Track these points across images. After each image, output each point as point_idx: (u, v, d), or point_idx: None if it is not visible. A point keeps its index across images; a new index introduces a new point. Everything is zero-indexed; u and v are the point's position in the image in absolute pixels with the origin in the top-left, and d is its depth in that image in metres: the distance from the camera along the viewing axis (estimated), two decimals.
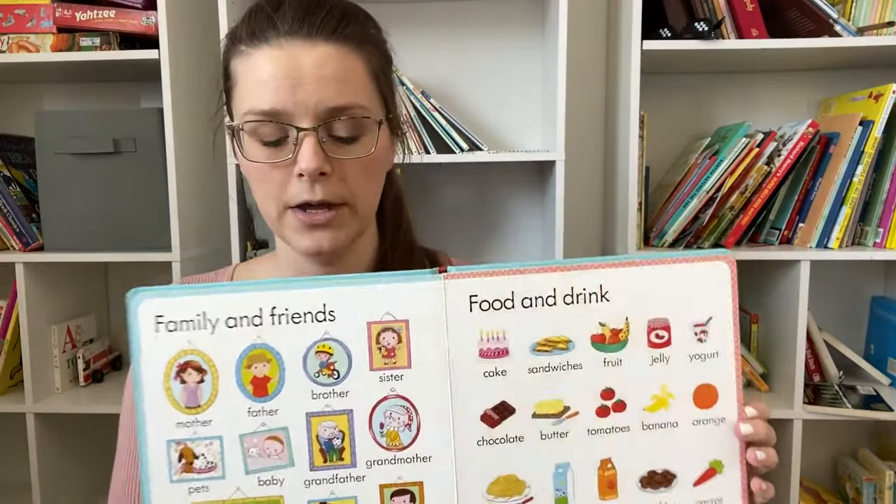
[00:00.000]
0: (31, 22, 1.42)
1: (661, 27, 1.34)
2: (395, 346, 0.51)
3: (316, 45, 0.62)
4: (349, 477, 0.50)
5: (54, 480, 1.48)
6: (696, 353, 0.53)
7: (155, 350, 0.49)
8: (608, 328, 0.53)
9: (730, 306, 0.54)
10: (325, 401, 0.50)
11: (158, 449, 0.49)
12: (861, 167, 1.33)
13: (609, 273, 0.52)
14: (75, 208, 1.41)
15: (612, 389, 0.53)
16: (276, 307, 0.49)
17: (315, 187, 0.62)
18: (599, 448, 0.53)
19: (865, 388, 1.43)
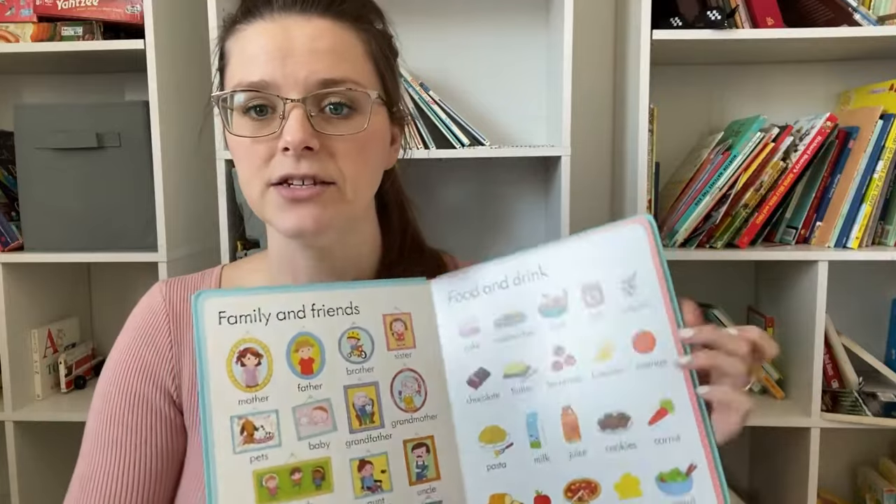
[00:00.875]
0: (11, 10, 1.40)
1: (672, 16, 1.32)
2: (404, 332, 0.65)
3: (310, 18, 0.62)
4: (380, 436, 0.61)
5: (34, 491, 1.45)
6: (628, 305, 0.62)
7: (219, 339, 0.59)
8: (549, 297, 0.64)
9: (650, 260, 0.62)
10: (357, 375, 0.62)
11: (223, 425, 0.57)
12: (882, 163, 1.31)
13: (544, 254, 0.65)
14: (57, 206, 1.38)
15: (562, 347, 0.63)
16: (315, 304, 0.63)
17: (300, 162, 0.60)
18: (559, 397, 0.63)
19: (886, 395, 1.41)
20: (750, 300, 1.61)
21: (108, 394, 0.70)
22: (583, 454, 0.61)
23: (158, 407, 0.68)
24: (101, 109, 1.37)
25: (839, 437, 1.55)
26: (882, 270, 1.58)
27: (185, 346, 0.70)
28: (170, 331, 0.71)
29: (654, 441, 0.60)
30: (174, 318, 0.71)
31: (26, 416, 1.40)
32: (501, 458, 0.63)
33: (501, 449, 0.63)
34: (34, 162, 1.36)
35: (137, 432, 0.67)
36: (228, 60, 0.65)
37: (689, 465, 0.59)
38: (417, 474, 0.61)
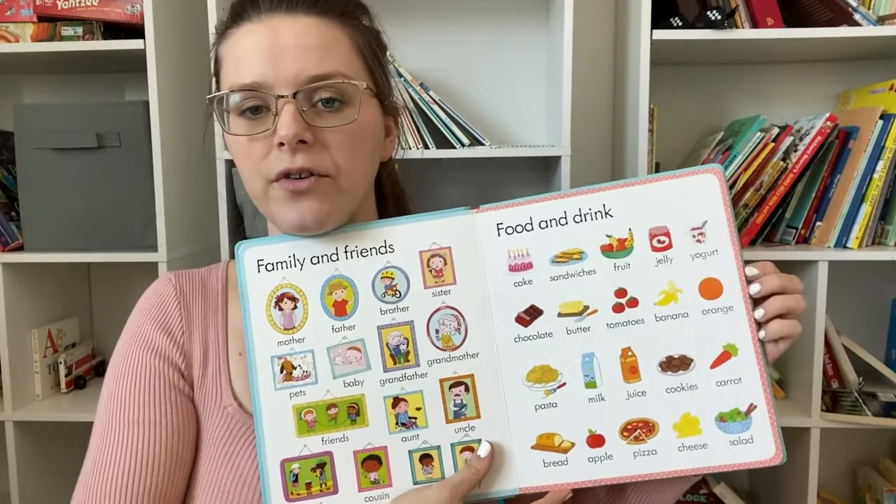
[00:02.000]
0: (11, 10, 1.40)
1: (672, 16, 1.32)
2: (443, 268, 0.64)
3: (296, 17, 0.64)
4: (415, 374, 0.63)
5: (35, 491, 1.44)
6: (696, 252, 0.62)
7: (258, 286, 0.63)
8: (614, 238, 0.63)
9: (722, 210, 0.63)
10: (391, 315, 0.63)
11: (265, 364, 0.62)
12: (881, 163, 1.30)
13: (610, 194, 0.64)
14: (57, 206, 1.38)
15: (625, 289, 0.63)
16: (349, 245, 0.64)
17: (296, 156, 0.62)
18: (619, 338, 0.63)
19: (886, 395, 1.40)
20: None
21: (120, 375, 0.69)
22: (642, 395, 0.62)
23: (172, 381, 0.68)
24: (101, 109, 1.37)
25: (839, 437, 1.55)
26: (882, 270, 1.58)
27: (195, 331, 0.71)
28: (181, 315, 0.71)
29: (716, 383, 0.61)
30: (185, 303, 0.72)
31: (26, 416, 1.39)
32: (552, 397, 0.63)
33: (553, 389, 0.63)
34: (34, 162, 1.36)
35: (154, 409, 0.67)
36: (222, 65, 0.67)
37: (749, 405, 0.61)
38: (455, 412, 0.62)
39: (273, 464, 0.61)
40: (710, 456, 0.61)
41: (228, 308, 0.73)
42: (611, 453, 0.62)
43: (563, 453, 0.62)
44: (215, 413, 0.68)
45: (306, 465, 0.61)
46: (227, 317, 0.72)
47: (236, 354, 0.70)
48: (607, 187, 0.64)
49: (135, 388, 0.68)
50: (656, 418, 0.61)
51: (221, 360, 0.70)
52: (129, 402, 0.67)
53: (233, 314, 0.72)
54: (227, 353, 0.70)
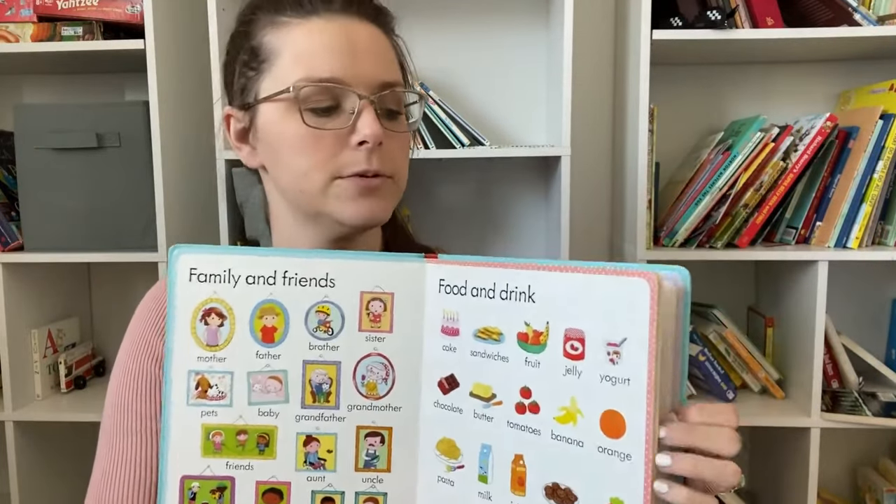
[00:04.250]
0: (11, 10, 1.40)
1: (672, 16, 1.32)
2: (381, 313, 0.61)
3: (365, 24, 0.66)
4: (333, 416, 0.60)
5: (34, 491, 1.44)
6: (606, 374, 0.51)
7: (187, 295, 0.59)
8: (531, 329, 0.55)
9: (646, 329, 0.49)
10: (319, 351, 0.60)
11: (180, 377, 0.59)
12: (881, 163, 1.30)
13: (538, 275, 0.55)
14: (57, 206, 1.38)
15: (530, 389, 0.56)
16: (288, 271, 0.60)
17: (372, 156, 0.64)
18: (515, 442, 0.57)
19: (886, 395, 1.41)
20: (750, 300, 1.60)
21: (122, 385, 0.70)
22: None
23: None
24: (101, 109, 1.37)
25: (839, 437, 1.55)
26: (882, 270, 1.58)
27: None
28: None
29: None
30: None
31: (26, 416, 1.39)
32: (451, 475, 0.59)
33: (453, 466, 0.59)
34: (34, 162, 1.36)
35: (156, 418, 0.67)
36: (276, 56, 0.65)
37: None
38: (366, 462, 0.60)
39: (172, 478, 0.59)
40: None
41: None
42: None
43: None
44: None
45: (206, 485, 0.59)
46: None
47: None
48: (538, 266, 0.55)
49: (136, 397, 0.68)
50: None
51: None
52: (131, 412, 0.68)
53: None
54: None
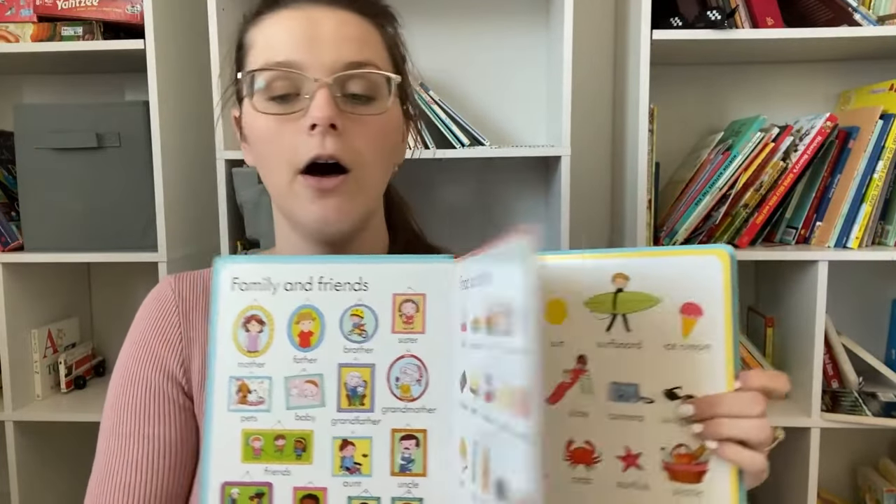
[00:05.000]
0: (11, 10, 1.40)
1: (672, 16, 1.32)
2: (414, 315, 0.61)
3: (336, 10, 0.64)
4: (368, 420, 0.60)
5: (34, 491, 1.44)
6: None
7: (229, 304, 0.61)
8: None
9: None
10: (354, 354, 0.60)
11: (223, 383, 0.60)
12: (881, 163, 1.30)
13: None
14: (57, 206, 1.38)
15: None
16: (323, 276, 0.61)
17: (326, 141, 0.62)
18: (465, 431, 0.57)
19: (886, 395, 1.41)
20: (750, 300, 1.60)
21: (121, 387, 0.70)
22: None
23: (173, 396, 0.69)
24: (101, 109, 1.36)
25: (839, 437, 1.55)
26: (882, 270, 1.58)
27: (195, 337, 0.70)
28: (179, 322, 0.71)
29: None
30: (184, 310, 0.71)
31: (26, 416, 1.39)
32: (462, 476, 0.58)
33: (462, 468, 0.58)
34: (34, 162, 1.36)
35: (154, 422, 0.67)
36: (249, 49, 0.66)
37: None
38: (401, 466, 0.59)
39: (214, 485, 0.59)
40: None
41: None
42: None
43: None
44: None
45: (246, 491, 0.59)
46: None
47: None
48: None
49: (133, 401, 0.68)
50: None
51: None
52: (128, 415, 0.68)
53: None
54: None
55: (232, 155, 1.30)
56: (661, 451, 0.56)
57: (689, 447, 0.55)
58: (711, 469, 0.55)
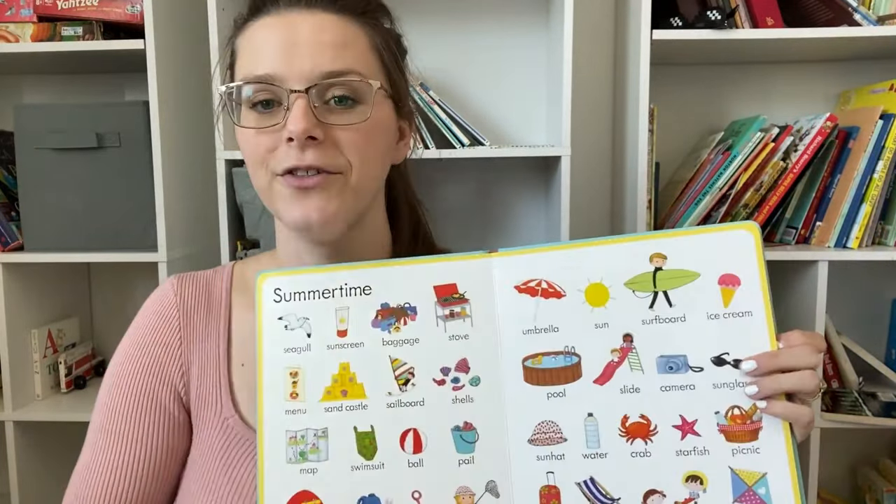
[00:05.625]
0: (11, 10, 1.39)
1: (672, 16, 1.32)
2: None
3: (314, 13, 0.63)
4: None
5: (34, 491, 1.44)
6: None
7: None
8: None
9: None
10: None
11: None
12: (881, 163, 1.30)
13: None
14: (57, 206, 1.37)
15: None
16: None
17: (305, 153, 0.61)
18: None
19: (886, 395, 1.40)
20: None
21: (114, 386, 0.70)
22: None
23: (164, 404, 0.68)
24: (101, 109, 1.36)
25: (839, 437, 1.55)
26: (882, 270, 1.58)
27: (194, 342, 0.70)
28: (180, 327, 0.70)
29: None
30: (185, 314, 0.71)
31: (26, 416, 1.39)
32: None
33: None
34: (34, 162, 1.36)
35: (141, 427, 0.67)
36: (237, 57, 0.67)
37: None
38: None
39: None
40: None
41: (233, 313, 0.72)
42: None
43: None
44: (215, 424, 0.68)
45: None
46: (231, 326, 0.71)
47: (238, 365, 0.69)
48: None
49: (125, 402, 0.68)
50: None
51: (222, 372, 0.69)
52: (118, 414, 0.68)
53: (236, 319, 0.72)
54: (227, 364, 0.69)
55: (232, 155, 1.30)
56: (716, 415, 0.58)
57: (742, 408, 0.58)
58: (765, 426, 0.57)
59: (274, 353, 0.61)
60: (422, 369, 0.61)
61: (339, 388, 0.61)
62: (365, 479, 0.60)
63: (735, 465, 0.57)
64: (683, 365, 0.59)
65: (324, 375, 0.61)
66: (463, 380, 0.61)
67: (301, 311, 0.62)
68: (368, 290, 0.62)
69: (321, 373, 0.61)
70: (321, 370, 0.61)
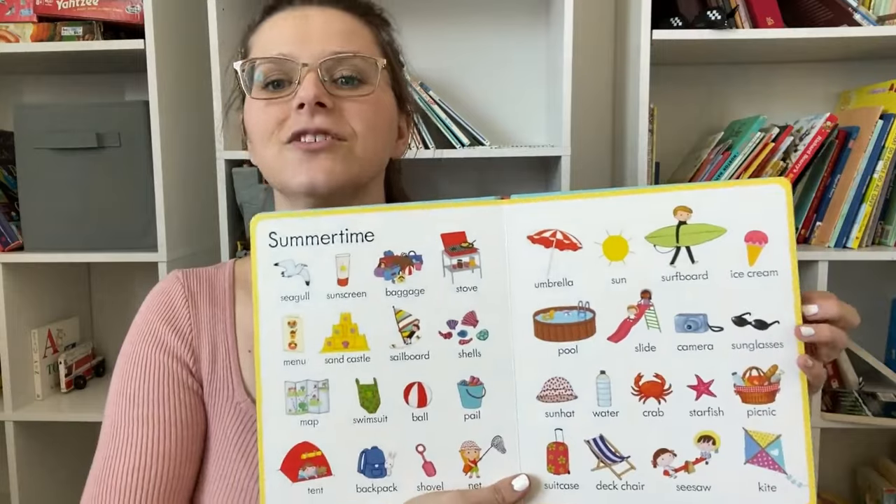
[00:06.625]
0: (11, 10, 1.39)
1: (672, 16, 1.32)
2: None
3: (325, 9, 0.70)
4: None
5: (34, 491, 1.44)
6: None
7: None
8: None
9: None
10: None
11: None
12: (881, 163, 1.30)
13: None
14: (57, 206, 1.37)
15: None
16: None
17: (314, 118, 0.65)
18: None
19: (886, 395, 1.39)
20: None
21: (126, 373, 0.69)
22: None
23: (181, 378, 0.68)
24: (101, 109, 1.36)
25: (839, 437, 1.55)
26: (882, 270, 1.58)
27: (203, 329, 0.71)
28: (189, 313, 0.71)
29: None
30: (192, 301, 0.72)
31: (26, 416, 1.39)
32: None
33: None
34: (34, 162, 1.36)
35: (162, 405, 0.67)
36: (250, 52, 0.72)
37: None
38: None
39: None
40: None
41: (236, 307, 0.73)
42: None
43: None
44: (227, 409, 0.68)
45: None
46: (235, 316, 0.72)
47: (245, 351, 0.70)
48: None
49: (143, 385, 0.68)
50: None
51: (231, 357, 0.70)
52: (137, 399, 0.67)
53: (240, 314, 0.72)
54: (236, 350, 0.70)
55: (232, 155, 1.30)
56: (733, 375, 0.57)
57: (760, 369, 0.57)
58: (782, 388, 0.56)
59: (270, 301, 0.60)
60: (427, 322, 0.59)
61: (340, 340, 0.59)
62: (367, 431, 0.59)
63: (749, 426, 0.57)
64: (703, 324, 0.57)
65: (324, 326, 0.59)
66: (470, 333, 0.59)
67: (298, 257, 0.60)
68: (371, 237, 0.60)
69: (321, 323, 0.59)
70: (321, 320, 0.59)
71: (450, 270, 0.59)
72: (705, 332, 0.57)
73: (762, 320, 0.57)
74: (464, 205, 0.59)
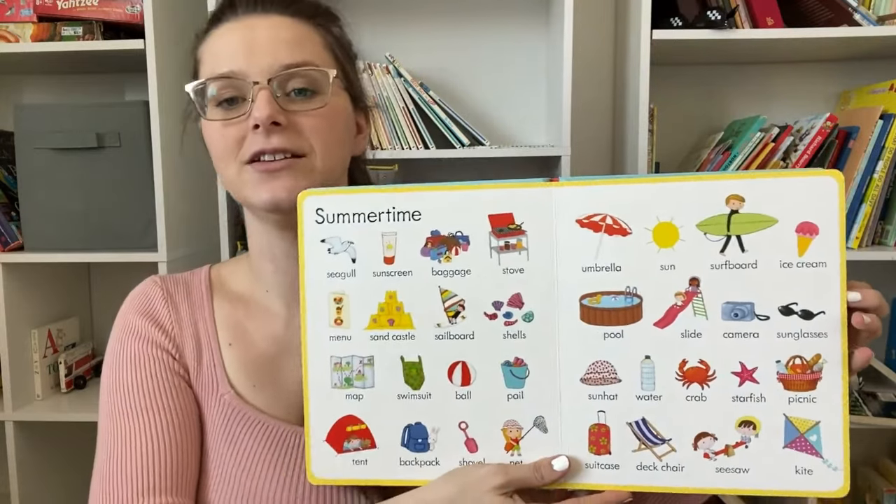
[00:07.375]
0: (11, 10, 1.39)
1: (672, 16, 1.32)
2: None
3: (270, 16, 0.68)
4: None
5: (34, 491, 1.44)
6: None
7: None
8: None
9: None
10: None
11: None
12: (881, 163, 1.30)
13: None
14: (57, 206, 1.37)
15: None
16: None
17: (270, 138, 0.64)
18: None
19: (886, 395, 1.40)
20: None
21: (116, 371, 0.69)
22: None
23: (169, 365, 0.69)
24: (101, 109, 1.36)
25: None
26: (882, 270, 1.57)
27: (184, 325, 0.71)
28: (169, 311, 0.72)
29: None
30: (171, 300, 0.73)
31: (26, 416, 1.39)
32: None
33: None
34: (34, 162, 1.36)
35: (157, 393, 0.67)
36: (201, 64, 0.71)
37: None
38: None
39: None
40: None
41: (214, 305, 0.74)
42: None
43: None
44: (213, 403, 0.69)
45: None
46: (214, 313, 0.73)
47: (227, 345, 0.72)
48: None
49: (135, 377, 0.68)
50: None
51: (214, 352, 0.71)
52: (131, 391, 0.68)
53: (218, 308, 0.73)
54: (218, 344, 0.71)
55: None
56: (777, 363, 0.58)
57: (804, 358, 0.57)
58: (824, 377, 0.57)
59: (317, 277, 0.61)
60: (473, 302, 0.59)
61: (385, 317, 0.60)
62: (411, 407, 0.60)
63: (790, 412, 0.57)
64: (749, 313, 0.58)
65: (370, 303, 0.60)
66: (515, 315, 0.59)
67: (345, 234, 0.61)
68: (418, 216, 0.60)
69: (367, 300, 0.60)
70: (367, 298, 0.60)
71: (497, 252, 0.59)
72: (752, 321, 0.58)
73: (808, 310, 0.57)
74: (512, 186, 0.59)
